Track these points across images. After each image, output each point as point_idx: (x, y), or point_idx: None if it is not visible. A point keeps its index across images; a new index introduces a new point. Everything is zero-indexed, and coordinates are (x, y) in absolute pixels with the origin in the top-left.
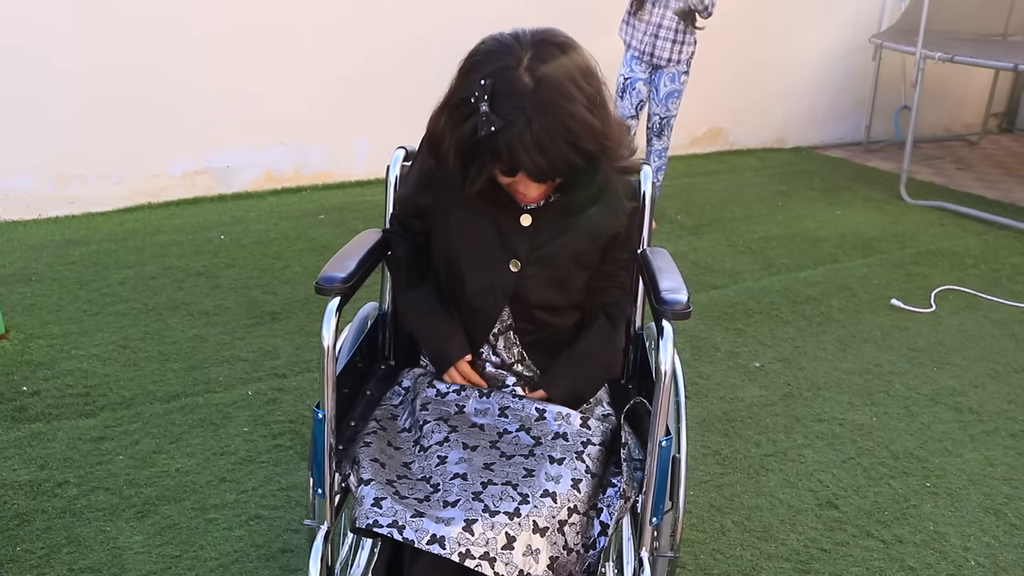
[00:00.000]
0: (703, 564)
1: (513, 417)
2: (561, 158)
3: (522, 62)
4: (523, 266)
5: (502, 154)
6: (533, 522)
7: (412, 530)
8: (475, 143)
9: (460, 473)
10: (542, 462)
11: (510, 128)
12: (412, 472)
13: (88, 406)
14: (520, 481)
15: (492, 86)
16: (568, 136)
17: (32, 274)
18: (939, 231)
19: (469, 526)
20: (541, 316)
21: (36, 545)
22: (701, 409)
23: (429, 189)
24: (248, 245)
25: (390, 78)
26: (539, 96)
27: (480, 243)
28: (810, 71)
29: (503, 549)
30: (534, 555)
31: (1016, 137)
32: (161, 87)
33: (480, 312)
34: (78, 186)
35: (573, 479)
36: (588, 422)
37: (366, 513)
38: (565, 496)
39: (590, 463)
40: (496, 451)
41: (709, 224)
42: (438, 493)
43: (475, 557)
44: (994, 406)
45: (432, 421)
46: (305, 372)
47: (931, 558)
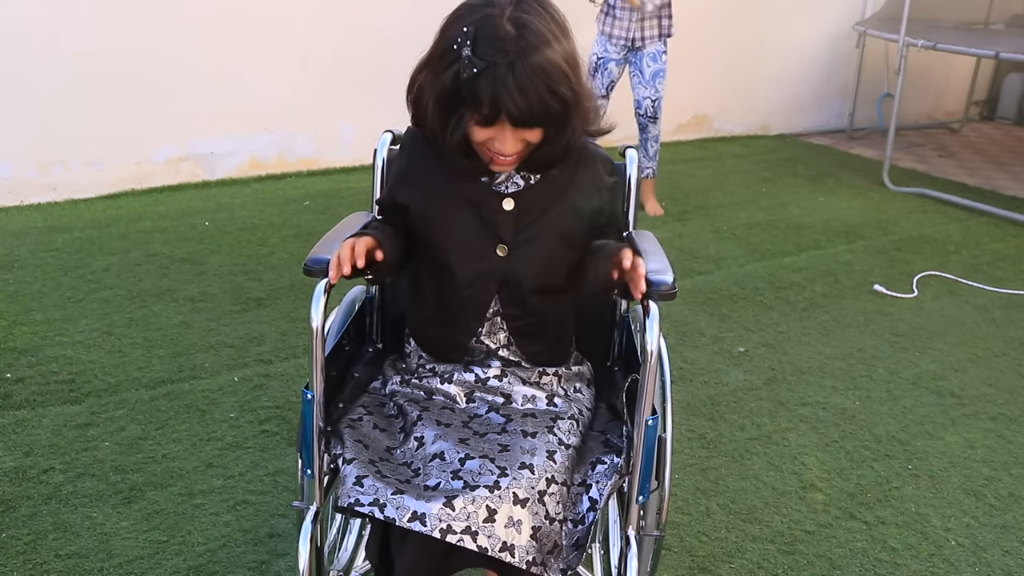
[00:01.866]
0: (688, 546)
1: (480, 402)
2: (540, 101)
3: (505, 12)
4: (510, 250)
5: (483, 97)
6: (513, 494)
7: (393, 508)
8: (456, 90)
9: (437, 453)
10: (515, 437)
11: (492, 69)
12: (394, 457)
13: (73, 392)
14: (496, 455)
15: (475, 32)
16: (547, 80)
17: (14, 261)
18: (921, 218)
19: (450, 502)
20: (531, 300)
21: (22, 531)
22: (686, 393)
23: (407, 186)
24: (233, 232)
25: (375, 64)
26: (521, 41)
27: (464, 232)
28: (794, 58)
29: (484, 522)
30: (516, 526)
31: (997, 125)
32: (145, 72)
33: (471, 301)
34: (61, 172)
35: (548, 451)
36: (554, 399)
37: (348, 492)
38: (542, 467)
39: (562, 435)
40: (469, 430)
41: (694, 211)
42: (418, 478)
43: (457, 532)
44: (974, 390)
45: (405, 403)
46: (291, 358)
47: (913, 539)
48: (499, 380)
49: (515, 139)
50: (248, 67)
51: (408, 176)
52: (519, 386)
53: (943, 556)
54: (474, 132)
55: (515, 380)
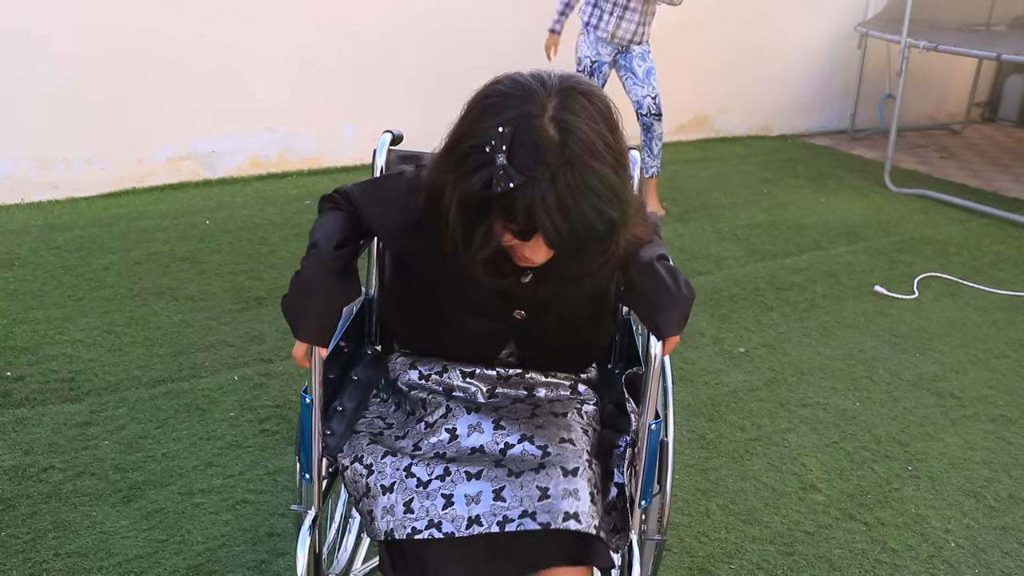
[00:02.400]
0: (688, 547)
1: (503, 397)
2: (584, 223)
3: (546, 110)
4: (528, 313)
5: (518, 215)
6: (560, 468)
7: (448, 522)
8: (485, 199)
9: (476, 447)
10: (548, 418)
11: (532, 186)
12: (423, 451)
13: (73, 391)
14: (535, 433)
15: (512, 135)
16: (594, 200)
17: (15, 259)
18: (922, 219)
19: (499, 494)
20: (551, 341)
21: (21, 530)
22: (686, 394)
23: (418, 239)
24: (234, 231)
25: (376, 64)
26: (566, 152)
27: (478, 302)
28: (796, 59)
29: (540, 501)
30: (574, 495)
31: (999, 126)
32: (146, 71)
33: (481, 351)
34: (62, 171)
35: (582, 427)
36: (577, 386)
37: (401, 523)
38: (582, 441)
39: (588, 418)
40: (500, 415)
41: (694, 211)
42: (455, 464)
43: (514, 519)
44: (975, 391)
45: (428, 396)
46: (291, 357)
47: (912, 540)
48: (521, 377)
49: (547, 252)
50: (249, 66)
51: (423, 228)
52: (541, 378)
53: (943, 557)
54: (502, 235)
55: (536, 374)
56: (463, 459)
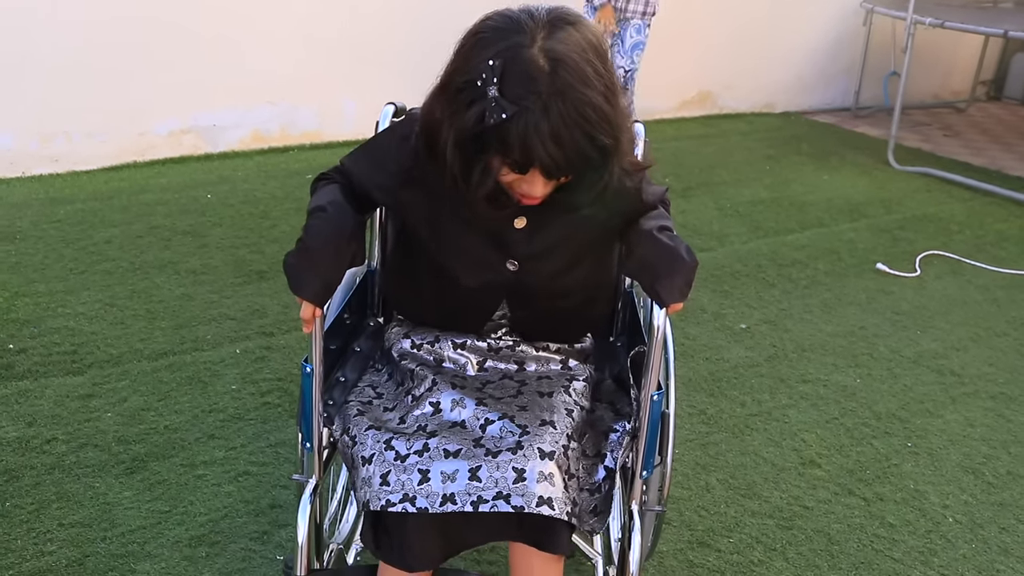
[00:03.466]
0: (688, 520)
1: (493, 370)
2: (577, 151)
3: (536, 41)
4: (521, 264)
5: (514, 146)
6: (538, 449)
7: (423, 497)
8: (480, 134)
9: (458, 421)
10: (532, 397)
11: (524, 115)
12: (407, 424)
13: (75, 364)
14: (516, 413)
15: (502, 67)
16: (586, 126)
17: (16, 232)
18: (925, 197)
19: (475, 474)
20: (542, 306)
21: (25, 500)
22: (687, 369)
23: (412, 187)
24: (235, 204)
25: (378, 38)
26: (556, 80)
27: (473, 247)
28: (800, 36)
29: (515, 483)
30: (549, 479)
31: (1004, 105)
32: (148, 44)
33: (475, 306)
34: (63, 144)
35: (566, 409)
36: (568, 362)
37: (376, 494)
38: (562, 423)
39: (576, 396)
40: (484, 394)
41: (697, 187)
42: (435, 439)
43: (488, 500)
44: (975, 369)
45: (416, 367)
46: (293, 331)
47: (911, 515)
48: (512, 350)
49: (545, 184)
50: (251, 40)
51: (416, 176)
52: (532, 352)
53: (940, 532)
54: (498, 170)
55: (528, 347)
56: (443, 433)
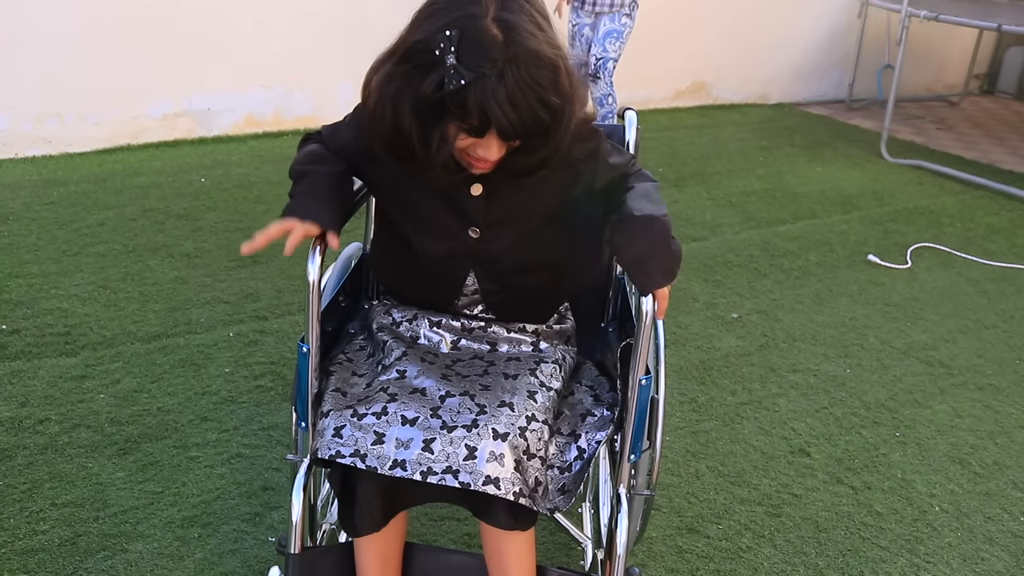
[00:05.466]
0: (677, 507)
1: (466, 350)
2: (531, 113)
3: (488, 11)
4: (482, 231)
5: (472, 111)
6: (492, 430)
7: (374, 457)
8: (439, 100)
9: (419, 388)
10: (497, 378)
11: (482, 81)
12: (371, 388)
13: (69, 345)
14: (477, 392)
15: (459, 36)
16: (539, 90)
17: (9, 214)
18: (917, 190)
19: (428, 445)
20: (510, 277)
21: (18, 480)
22: (679, 358)
23: (373, 164)
24: (229, 188)
25: (373, 22)
26: (510, 47)
27: (434, 216)
28: (795, 27)
29: (465, 460)
30: (499, 460)
31: (997, 99)
32: (141, 26)
33: (446, 277)
34: (56, 126)
35: (528, 391)
36: (540, 343)
37: (328, 444)
38: (521, 405)
39: (544, 378)
40: (451, 371)
41: (690, 177)
42: (395, 404)
43: (437, 472)
44: (964, 360)
45: (391, 340)
46: (286, 315)
47: (898, 504)
48: (484, 330)
49: (500, 147)
50: (246, 24)
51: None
52: (504, 333)
53: (927, 521)
54: (452, 135)
55: (500, 328)
56: (403, 398)
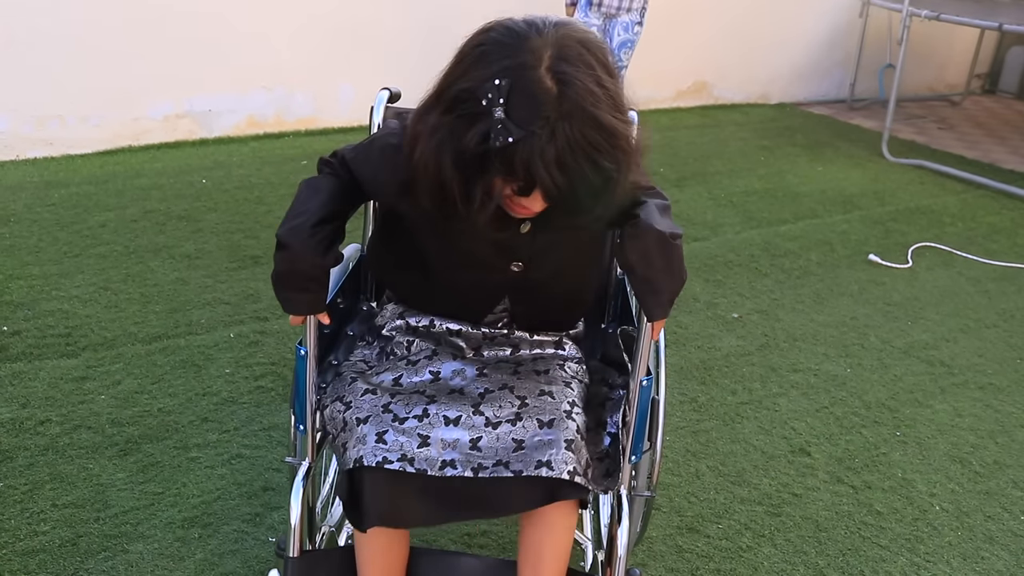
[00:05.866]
0: (677, 506)
1: (489, 355)
2: (581, 177)
3: (543, 60)
4: (525, 264)
5: (517, 170)
6: (537, 419)
7: (422, 460)
8: (482, 154)
9: (456, 388)
10: (529, 374)
11: (530, 140)
12: (403, 387)
13: (70, 346)
14: (515, 384)
15: (508, 87)
16: (592, 152)
17: (11, 215)
18: (919, 189)
19: (475, 444)
20: (543, 300)
21: (19, 481)
22: (679, 358)
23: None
24: (230, 190)
25: (374, 23)
26: (564, 104)
27: (476, 256)
28: (797, 27)
29: (515, 452)
30: (548, 445)
31: (998, 98)
32: (143, 28)
33: (477, 301)
34: (57, 127)
35: (564, 381)
36: (562, 343)
37: (372, 451)
38: (561, 393)
39: (572, 372)
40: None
41: (691, 177)
42: (435, 405)
43: (488, 467)
44: (964, 360)
45: (417, 340)
46: (287, 316)
47: (898, 503)
48: (506, 337)
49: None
50: (247, 25)
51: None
52: (527, 337)
53: (927, 520)
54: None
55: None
56: (442, 399)
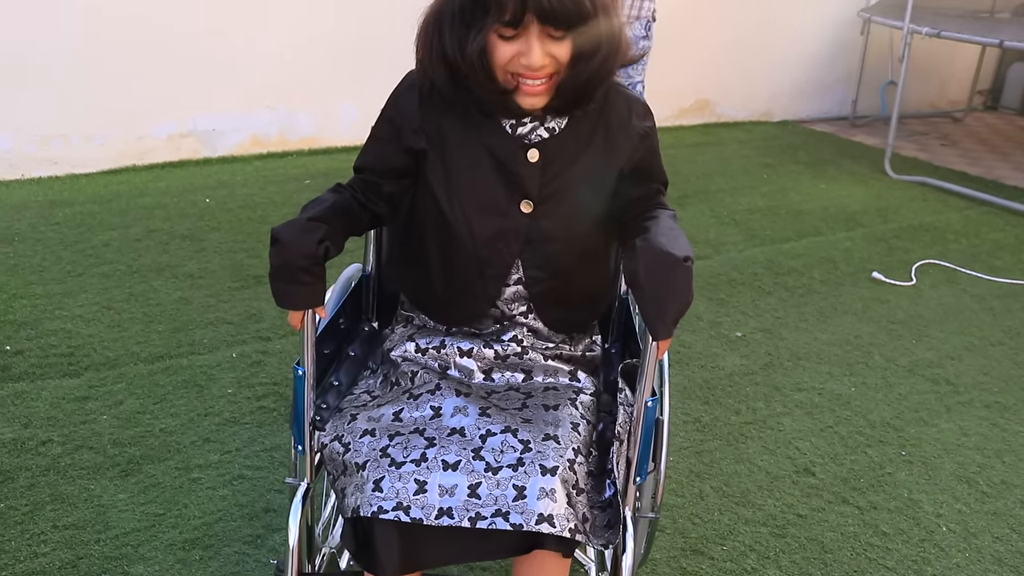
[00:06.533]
0: (681, 528)
1: (500, 380)
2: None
3: None
4: (536, 205)
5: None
6: (540, 466)
7: (418, 508)
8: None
9: (457, 428)
10: (537, 411)
11: None
12: (403, 424)
13: (72, 366)
14: (519, 427)
15: None
16: None
17: (15, 234)
18: (922, 206)
19: (474, 491)
20: (557, 260)
21: (20, 502)
22: (683, 377)
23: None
24: (233, 209)
25: (378, 43)
26: None
27: (484, 186)
28: (798, 45)
29: (515, 501)
30: (550, 495)
31: (1000, 115)
32: (147, 48)
33: (491, 263)
34: (62, 147)
35: (572, 423)
36: (577, 374)
37: (368, 500)
38: (567, 437)
39: (583, 410)
40: (488, 403)
41: (694, 195)
42: (434, 448)
43: (487, 517)
44: (970, 378)
45: (421, 370)
46: (289, 335)
47: (904, 524)
48: (520, 357)
49: (542, 50)
50: (250, 44)
51: (419, 122)
52: (540, 361)
53: (934, 541)
54: (498, 49)
55: (536, 355)
56: (442, 441)
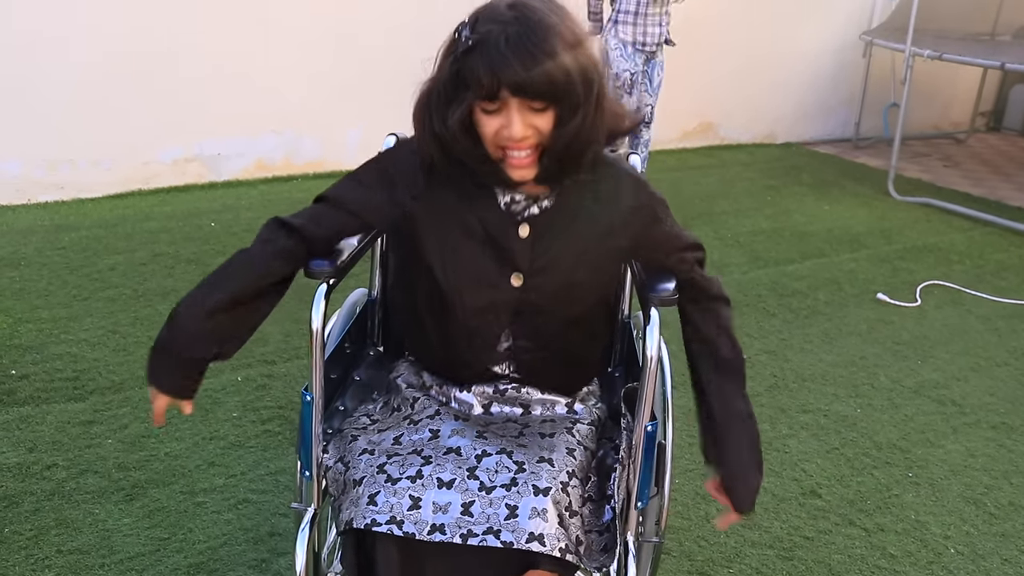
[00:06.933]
0: (687, 551)
1: (498, 414)
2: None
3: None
4: (526, 278)
5: (480, 70)
6: (533, 486)
7: (411, 523)
8: (456, 73)
9: (454, 448)
10: (533, 438)
11: (487, 40)
12: (402, 446)
13: (77, 390)
14: (515, 449)
15: (475, 17)
16: (546, 42)
17: (21, 259)
18: (925, 227)
19: (467, 508)
20: (546, 330)
21: (24, 527)
22: (688, 400)
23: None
24: (239, 233)
25: (382, 68)
26: (519, 15)
27: (474, 259)
28: (801, 67)
29: (507, 519)
30: (542, 515)
31: (1003, 136)
32: (153, 73)
33: (479, 334)
34: (68, 171)
35: (567, 448)
36: (574, 406)
37: (363, 513)
38: (561, 461)
39: (580, 437)
40: (486, 430)
41: (698, 217)
42: (430, 466)
43: (478, 534)
44: (976, 399)
45: (422, 396)
46: (294, 359)
47: (912, 546)
48: (518, 391)
49: (523, 122)
50: (255, 69)
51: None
52: (538, 395)
53: (942, 564)
54: (484, 123)
55: (534, 390)
56: (438, 460)
